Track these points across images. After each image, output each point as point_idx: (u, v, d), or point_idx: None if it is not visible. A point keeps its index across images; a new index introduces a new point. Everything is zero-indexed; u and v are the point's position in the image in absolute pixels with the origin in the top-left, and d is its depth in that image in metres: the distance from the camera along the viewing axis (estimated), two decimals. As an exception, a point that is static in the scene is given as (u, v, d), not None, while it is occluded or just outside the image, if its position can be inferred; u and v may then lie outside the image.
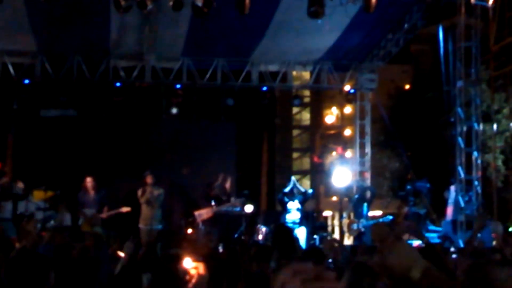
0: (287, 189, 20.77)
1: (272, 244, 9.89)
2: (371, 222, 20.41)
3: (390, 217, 20.47)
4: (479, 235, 11.95)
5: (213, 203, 20.53)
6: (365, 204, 20.46)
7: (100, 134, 24.39)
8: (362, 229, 19.74)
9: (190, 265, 6.62)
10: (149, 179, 19.02)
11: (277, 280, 3.76)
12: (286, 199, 20.38)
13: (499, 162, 22.92)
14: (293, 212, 20.13)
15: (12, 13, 18.07)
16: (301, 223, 20.07)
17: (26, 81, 21.60)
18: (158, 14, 17.90)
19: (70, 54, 21.55)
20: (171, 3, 16.19)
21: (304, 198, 20.74)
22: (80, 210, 19.11)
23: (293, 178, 22.37)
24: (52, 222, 19.69)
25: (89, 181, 19.24)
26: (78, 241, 11.17)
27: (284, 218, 20.14)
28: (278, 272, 3.84)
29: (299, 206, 19.97)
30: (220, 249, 15.50)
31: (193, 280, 6.39)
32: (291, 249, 9.04)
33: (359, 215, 20.51)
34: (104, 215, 19.08)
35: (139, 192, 19.05)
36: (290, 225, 19.03)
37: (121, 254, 12.82)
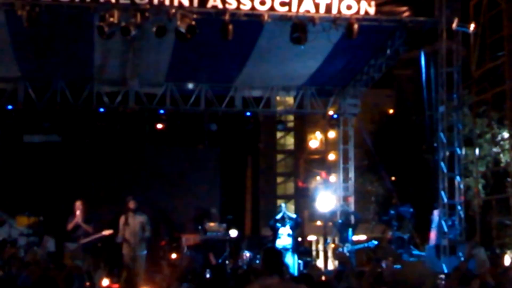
0: (278, 216, 20.56)
1: (261, 268, 9.88)
2: (356, 246, 20.40)
3: (375, 242, 20.44)
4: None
5: (199, 228, 20.50)
6: (350, 229, 20.47)
7: (83, 159, 24.33)
8: (347, 254, 19.68)
9: None
10: (131, 204, 18.87)
11: None
12: (278, 225, 20.26)
13: (480, 187, 22.97)
14: (284, 237, 19.98)
15: (-5, 39, 18.10)
16: (292, 248, 19.92)
17: (9, 107, 21.56)
18: (142, 40, 17.95)
19: (54, 79, 21.54)
20: (154, 29, 16.27)
21: (295, 224, 20.66)
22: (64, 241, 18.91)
23: (283, 204, 22.18)
24: (35, 248, 19.58)
25: (78, 205, 19.08)
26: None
27: (275, 244, 19.95)
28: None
29: (290, 231, 19.84)
30: (207, 275, 15.53)
31: None
32: (280, 273, 9.02)
33: (344, 239, 20.47)
34: (87, 240, 18.94)
35: (122, 218, 18.91)
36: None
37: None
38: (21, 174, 23.84)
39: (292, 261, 19.59)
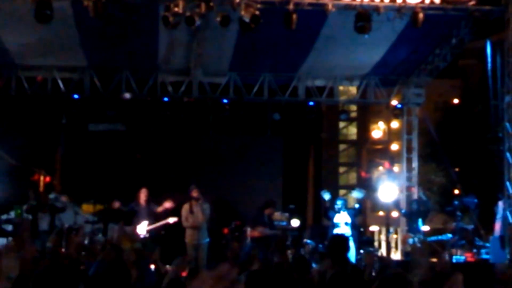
0: (327, 204, 20.10)
1: (326, 252, 10.02)
2: (430, 238, 20.16)
3: (450, 236, 20.17)
4: None
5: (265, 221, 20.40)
6: (420, 219, 20.26)
7: (148, 148, 24.60)
8: (418, 245, 19.44)
9: None
10: (194, 193, 19.07)
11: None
12: (332, 214, 19.90)
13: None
14: (342, 226, 19.61)
15: (62, 29, 18.33)
16: (353, 237, 19.39)
17: (75, 96, 21.83)
18: (206, 30, 18.03)
19: (119, 69, 21.76)
20: (218, 19, 16.33)
21: (356, 212, 20.26)
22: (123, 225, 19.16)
23: (340, 201, 21.00)
24: (100, 235, 19.88)
25: (143, 192, 19.38)
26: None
27: (332, 233, 19.59)
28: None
29: (348, 220, 19.60)
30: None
31: None
32: (344, 260, 9.14)
33: (414, 230, 20.26)
34: (152, 226, 19.22)
35: (186, 207, 19.10)
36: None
37: (168, 267, 12.95)
38: (86, 162, 24.23)
39: (352, 250, 19.37)
